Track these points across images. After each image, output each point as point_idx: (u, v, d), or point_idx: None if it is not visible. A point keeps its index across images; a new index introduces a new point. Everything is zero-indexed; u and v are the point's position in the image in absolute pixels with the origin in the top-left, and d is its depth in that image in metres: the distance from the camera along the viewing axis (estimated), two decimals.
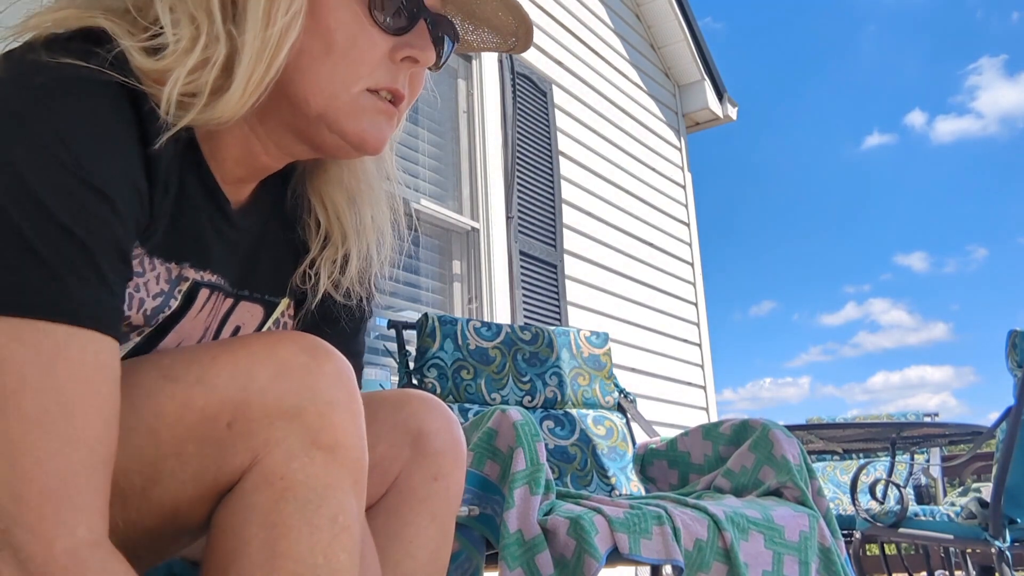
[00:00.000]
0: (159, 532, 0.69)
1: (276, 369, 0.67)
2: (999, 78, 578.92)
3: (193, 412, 0.65)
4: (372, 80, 0.75)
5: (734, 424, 1.97)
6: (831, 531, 1.73)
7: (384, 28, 0.74)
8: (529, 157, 3.75)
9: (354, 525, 0.67)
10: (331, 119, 0.75)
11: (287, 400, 0.66)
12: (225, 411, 0.65)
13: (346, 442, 0.68)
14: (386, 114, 0.77)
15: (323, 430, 0.66)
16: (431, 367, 2.18)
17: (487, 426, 1.59)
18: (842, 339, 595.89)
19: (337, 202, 0.87)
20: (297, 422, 0.66)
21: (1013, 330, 2.57)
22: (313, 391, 0.67)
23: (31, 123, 0.60)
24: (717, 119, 5.36)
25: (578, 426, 2.29)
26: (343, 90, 0.74)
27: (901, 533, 2.68)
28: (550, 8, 4.16)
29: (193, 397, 0.66)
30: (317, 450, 0.66)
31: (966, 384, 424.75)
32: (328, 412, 0.67)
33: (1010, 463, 2.46)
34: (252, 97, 0.70)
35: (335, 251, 0.88)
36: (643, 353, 4.27)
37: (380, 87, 0.76)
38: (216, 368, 0.67)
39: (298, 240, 0.89)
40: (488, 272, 3.42)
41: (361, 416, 0.71)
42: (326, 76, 0.73)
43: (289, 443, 0.65)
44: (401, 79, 0.77)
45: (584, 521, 1.43)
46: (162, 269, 0.75)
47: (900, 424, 3.28)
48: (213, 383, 0.66)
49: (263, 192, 0.86)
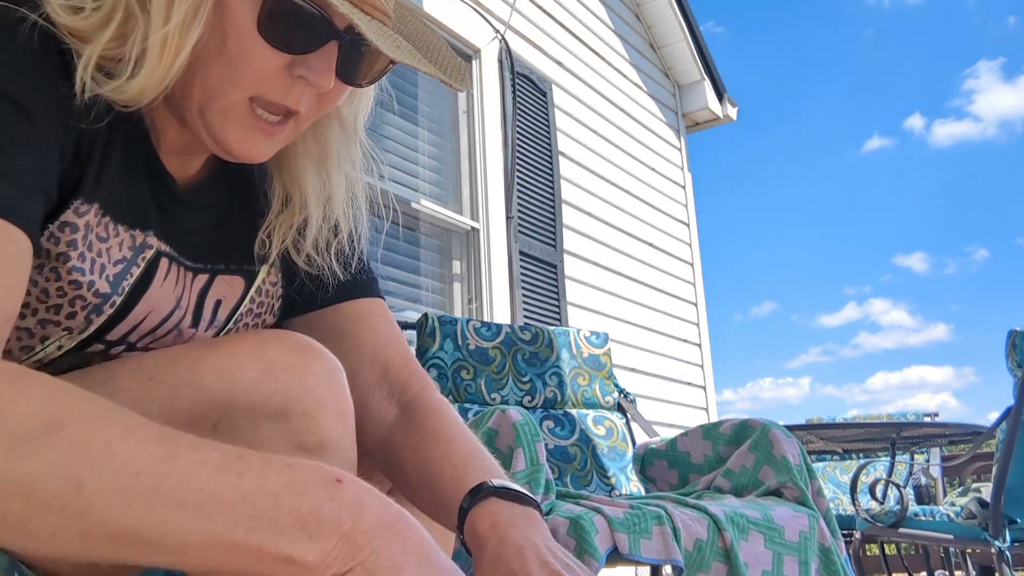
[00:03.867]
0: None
1: (263, 369, 0.66)
2: (997, 81, 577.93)
3: (179, 414, 0.65)
4: (258, 91, 0.72)
5: (734, 424, 1.97)
6: (831, 531, 1.73)
7: (275, 45, 0.70)
8: (529, 157, 3.75)
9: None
10: (206, 119, 0.73)
11: (273, 400, 0.65)
12: (211, 412, 0.65)
13: (333, 443, 0.67)
14: (263, 132, 0.74)
15: (309, 431, 0.66)
16: (431, 367, 2.18)
17: (487, 426, 1.59)
18: (842, 340, 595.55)
19: (299, 166, 0.86)
20: (283, 423, 0.65)
21: (1013, 330, 2.57)
22: (300, 391, 0.66)
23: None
24: (717, 119, 5.36)
25: (578, 426, 2.29)
26: (221, 94, 0.72)
27: (901, 533, 2.68)
28: (550, 8, 4.16)
29: (179, 399, 0.65)
30: (303, 451, 0.65)
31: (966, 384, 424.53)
32: (315, 412, 0.66)
33: (1010, 463, 2.46)
34: (155, 91, 0.70)
35: (292, 215, 0.86)
36: (643, 353, 4.27)
37: (267, 100, 0.73)
38: (202, 369, 0.66)
39: (262, 207, 0.87)
40: (488, 272, 3.42)
41: (350, 416, 0.70)
42: (213, 76, 0.71)
43: (275, 444, 0.64)
44: (295, 96, 0.73)
45: (584, 521, 1.43)
46: (126, 236, 0.75)
47: (900, 424, 3.28)
48: (199, 384, 0.66)
49: (221, 164, 0.85)
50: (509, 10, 3.77)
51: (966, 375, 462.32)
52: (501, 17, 3.71)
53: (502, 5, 3.75)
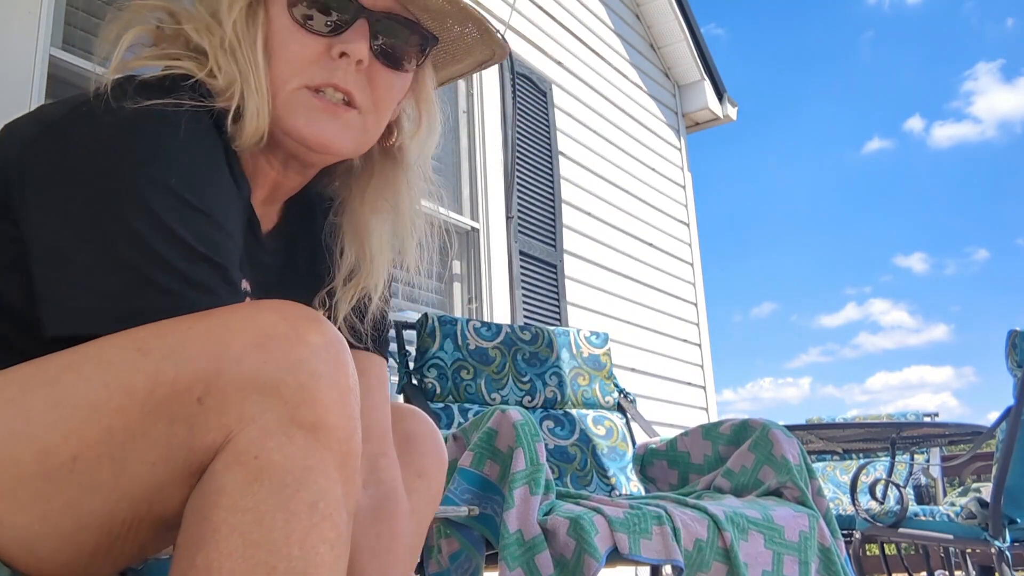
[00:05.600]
0: (138, 524, 0.64)
1: (253, 339, 0.62)
2: (996, 83, 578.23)
3: (163, 387, 0.61)
4: (307, 77, 0.82)
5: (734, 424, 1.97)
6: (831, 531, 1.73)
7: (310, 30, 0.82)
8: (529, 157, 3.75)
9: (338, 514, 0.61)
10: (276, 116, 0.82)
11: (264, 372, 0.61)
12: (196, 385, 0.60)
13: (331, 421, 0.62)
14: (327, 111, 0.83)
15: (303, 405, 0.61)
16: (431, 367, 2.18)
17: (487, 426, 1.59)
18: (842, 340, 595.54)
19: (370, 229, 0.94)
20: (275, 397, 0.60)
21: (1013, 330, 2.57)
22: (293, 363, 0.61)
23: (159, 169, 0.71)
24: (717, 119, 5.36)
25: (578, 426, 2.29)
26: (280, 88, 0.82)
27: (901, 533, 2.68)
28: (550, 8, 4.16)
29: (164, 370, 0.61)
30: (297, 428, 0.60)
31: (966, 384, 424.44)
32: (310, 386, 0.61)
33: (1010, 463, 2.46)
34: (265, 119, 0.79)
35: (358, 284, 0.94)
36: (643, 353, 4.26)
37: (317, 84, 0.82)
38: (190, 339, 0.62)
39: (323, 266, 0.95)
40: (488, 272, 3.42)
41: (352, 393, 0.65)
42: (273, 77, 0.82)
43: (265, 420, 0.60)
44: (341, 75, 0.83)
45: (584, 521, 1.43)
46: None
47: (900, 424, 3.28)
48: (185, 355, 0.61)
49: (288, 218, 0.93)
50: (509, 10, 3.77)
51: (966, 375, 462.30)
52: (501, 17, 3.71)
53: (502, 5, 3.75)
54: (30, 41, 1.90)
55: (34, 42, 1.91)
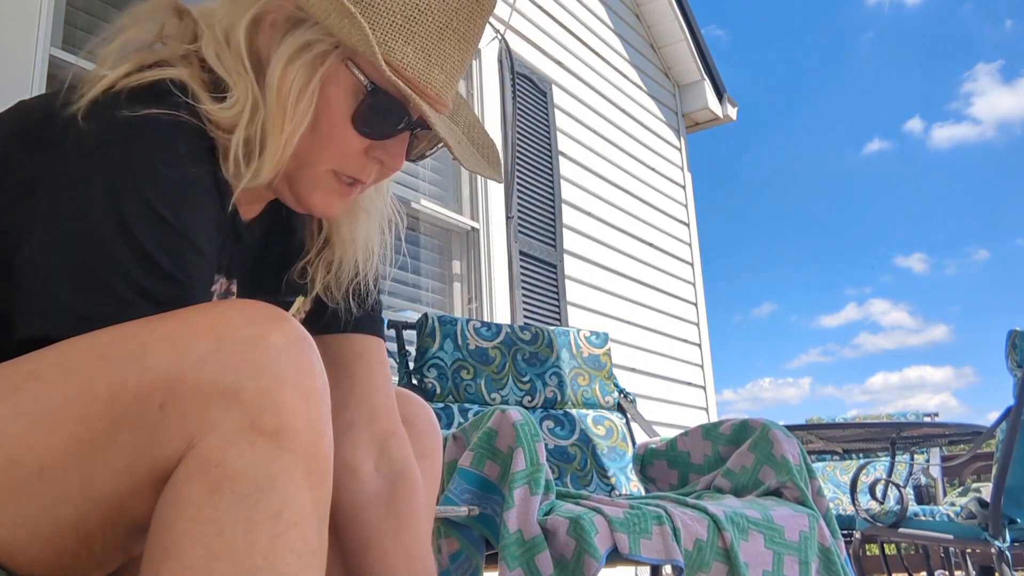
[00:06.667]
0: (112, 527, 0.63)
1: (215, 342, 0.60)
2: (995, 84, 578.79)
3: (126, 393, 0.59)
4: (339, 166, 0.83)
5: (734, 424, 1.97)
6: (831, 531, 1.73)
7: (363, 134, 0.82)
8: (529, 157, 3.75)
9: (305, 522, 0.60)
10: (294, 182, 0.84)
11: (225, 377, 0.59)
12: (157, 391, 0.59)
13: (295, 425, 0.60)
14: (340, 194, 0.86)
15: (265, 411, 0.59)
16: (431, 367, 2.18)
17: (487, 426, 1.59)
18: (842, 340, 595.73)
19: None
20: (236, 402, 0.58)
21: (1013, 330, 2.57)
22: (255, 366, 0.59)
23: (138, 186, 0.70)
24: (717, 119, 5.36)
25: (578, 426, 2.29)
26: (310, 165, 0.83)
27: (901, 533, 2.68)
28: (550, 8, 4.16)
29: (126, 377, 0.59)
30: (259, 435, 0.58)
31: (966, 384, 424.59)
32: (273, 390, 0.59)
33: (1010, 463, 2.46)
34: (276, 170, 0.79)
35: (330, 255, 0.94)
36: (643, 353, 4.26)
37: (344, 173, 0.84)
38: (151, 343, 0.61)
39: (299, 241, 0.96)
40: (488, 272, 3.42)
41: (318, 395, 0.63)
42: (303, 147, 0.81)
43: (227, 427, 0.58)
44: (367, 171, 0.85)
45: (584, 521, 1.43)
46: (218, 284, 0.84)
47: (900, 424, 3.28)
48: (146, 360, 0.59)
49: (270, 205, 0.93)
50: (509, 10, 3.77)
51: (966, 375, 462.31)
52: (501, 17, 3.71)
53: (502, 5, 3.75)
54: (30, 41, 1.90)
55: (34, 42, 1.91)
